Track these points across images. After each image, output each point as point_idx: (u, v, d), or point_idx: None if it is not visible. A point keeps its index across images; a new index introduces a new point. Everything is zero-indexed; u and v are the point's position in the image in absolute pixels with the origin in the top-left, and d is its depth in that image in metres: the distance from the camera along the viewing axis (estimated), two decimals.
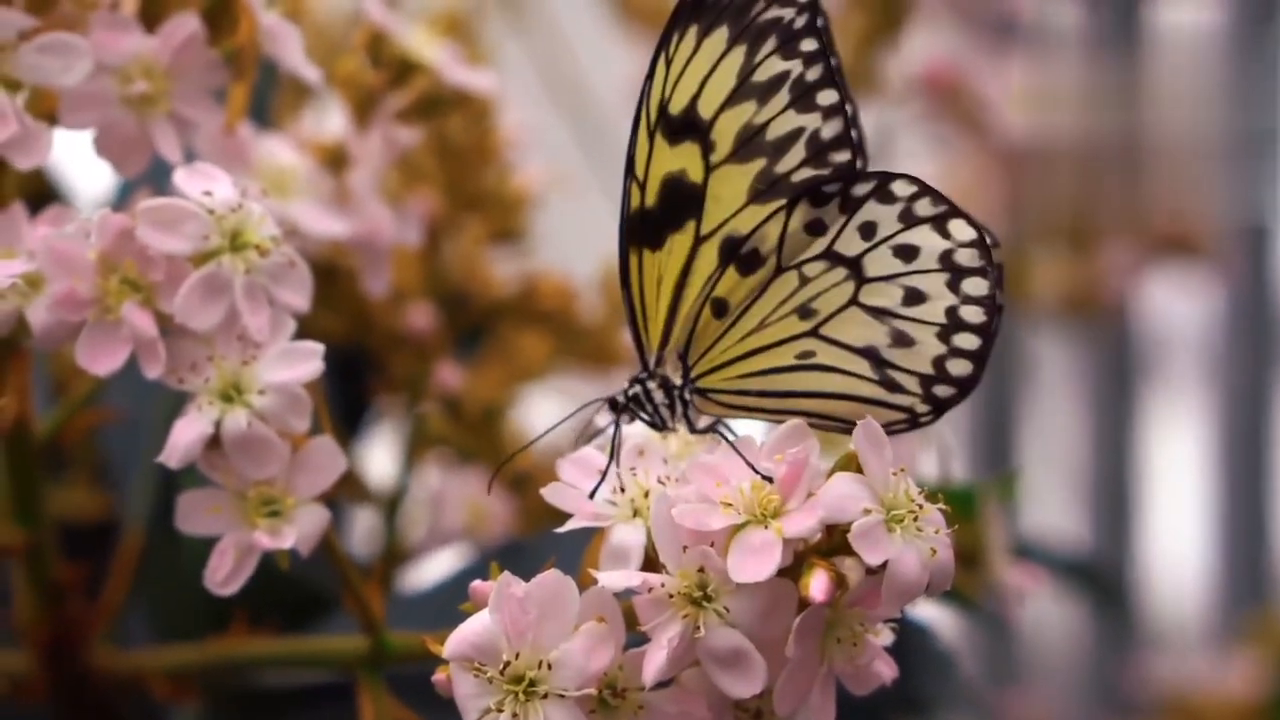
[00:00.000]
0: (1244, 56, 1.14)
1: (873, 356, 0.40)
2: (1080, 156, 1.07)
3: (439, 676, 0.37)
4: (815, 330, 0.40)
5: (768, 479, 0.37)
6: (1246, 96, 1.14)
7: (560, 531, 0.39)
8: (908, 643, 0.40)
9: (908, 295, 0.40)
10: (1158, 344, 1.23)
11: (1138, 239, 0.99)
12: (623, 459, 0.40)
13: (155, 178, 0.45)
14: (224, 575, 0.40)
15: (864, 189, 0.40)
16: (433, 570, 0.60)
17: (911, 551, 0.36)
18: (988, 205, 0.91)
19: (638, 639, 0.37)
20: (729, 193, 0.40)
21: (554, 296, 0.60)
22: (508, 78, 0.60)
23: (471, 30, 0.67)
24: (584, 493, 0.40)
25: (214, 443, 0.40)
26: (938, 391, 0.40)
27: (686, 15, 0.40)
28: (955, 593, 0.39)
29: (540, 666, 0.36)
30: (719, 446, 0.39)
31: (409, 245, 0.53)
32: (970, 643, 1.05)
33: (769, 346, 0.40)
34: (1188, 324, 1.23)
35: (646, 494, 0.39)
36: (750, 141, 0.40)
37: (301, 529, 0.40)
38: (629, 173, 0.41)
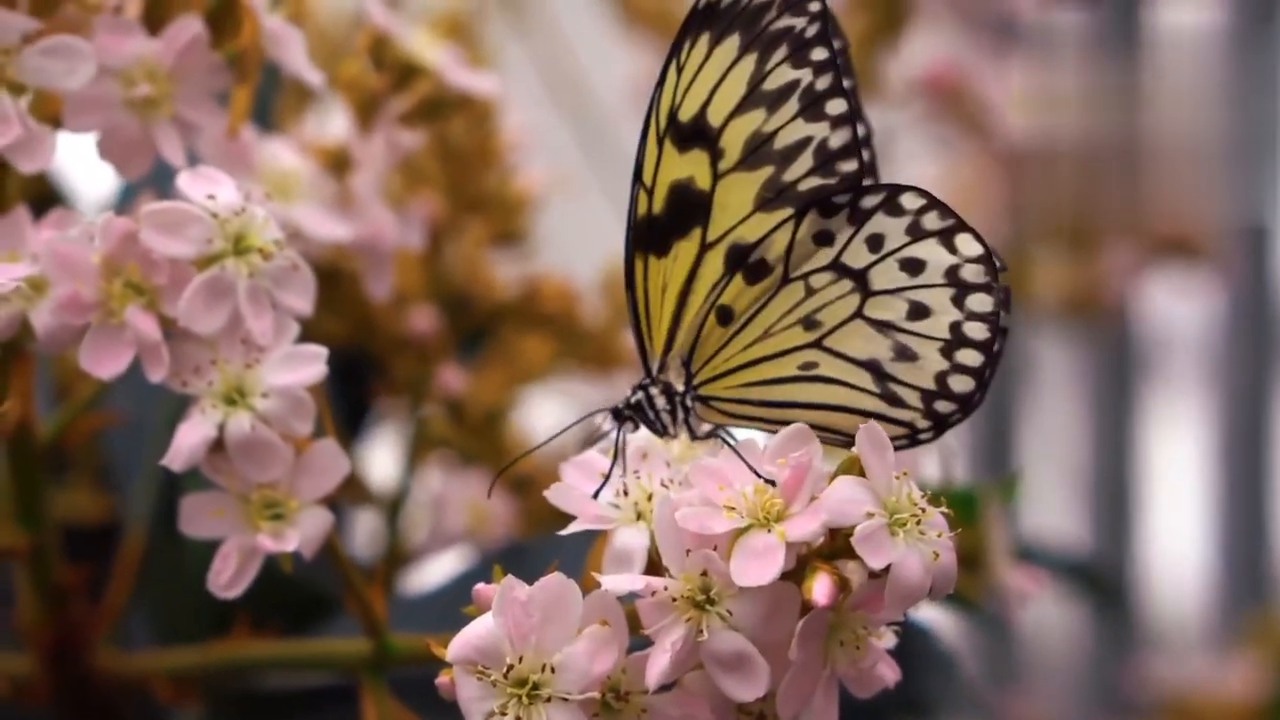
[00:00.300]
0: (1244, 57, 1.14)
1: (875, 370, 0.40)
2: (1081, 158, 1.07)
3: (442, 679, 0.37)
4: (819, 342, 0.40)
5: (771, 482, 0.37)
6: (1247, 97, 1.14)
7: (563, 534, 0.39)
8: (910, 644, 0.40)
9: (912, 309, 0.39)
10: (1158, 345, 1.23)
11: (1138, 240, 0.99)
12: (626, 462, 0.40)
13: (158, 181, 0.45)
14: (227, 578, 0.40)
15: (873, 201, 0.40)
16: (434, 572, 0.61)
17: (914, 555, 0.36)
18: (989, 207, 0.91)
19: (641, 642, 0.37)
20: (736, 200, 0.40)
21: (556, 299, 0.60)
22: (509, 80, 0.60)
23: (473, 32, 0.67)
24: (587, 496, 0.40)
25: (217, 446, 0.40)
26: (939, 407, 0.40)
27: (698, 23, 0.40)
28: (956, 595, 0.39)
29: (544, 670, 0.36)
30: (722, 450, 0.39)
31: (411, 248, 0.53)
32: (970, 643, 1.04)
33: (772, 356, 0.40)
34: (1188, 325, 1.23)
35: (650, 497, 0.39)
36: (759, 149, 0.40)
37: (305, 532, 0.41)
38: (637, 179, 0.41)
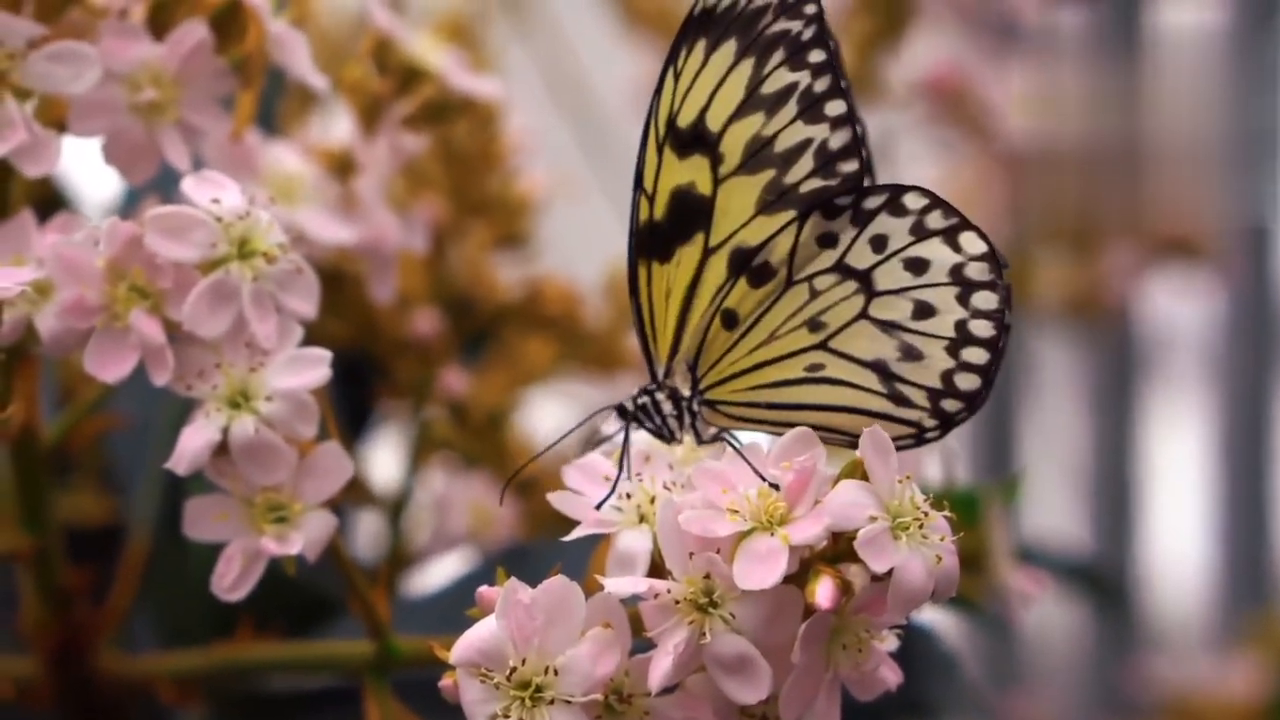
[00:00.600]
0: (1244, 57, 1.14)
1: (881, 370, 0.40)
2: (1082, 159, 1.07)
3: (446, 682, 0.37)
4: (824, 343, 0.40)
5: (774, 486, 0.37)
6: (1247, 98, 1.14)
7: (567, 539, 0.39)
8: (912, 646, 0.40)
9: (917, 309, 0.40)
10: (1159, 345, 1.23)
11: (1139, 241, 0.99)
12: (629, 464, 0.40)
13: (162, 185, 0.45)
14: (231, 581, 0.41)
15: (876, 201, 0.40)
16: (437, 574, 0.61)
17: (917, 559, 0.36)
18: (990, 208, 0.91)
19: (644, 645, 0.37)
20: (737, 204, 0.40)
21: (559, 301, 0.60)
22: (511, 82, 0.60)
23: (475, 35, 0.67)
24: (590, 499, 0.40)
25: (222, 449, 0.40)
26: (945, 406, 0.40)
27: (695, 28, 0.40)
28: (958, 597, 0.39)
29: (547, 672, 0.36)
30: (725, 453, 0.39)
31: (414, 251, 0.53)
32: (971, 645, 1.05)
33: (778, 359, 0.40)
34: (1189, 325, 1.23)
35: (653, 500, 0.39)
36: (759, 153, 0.40)
37: (308, 535, 0.41)
38: (638, 186, 0.41)
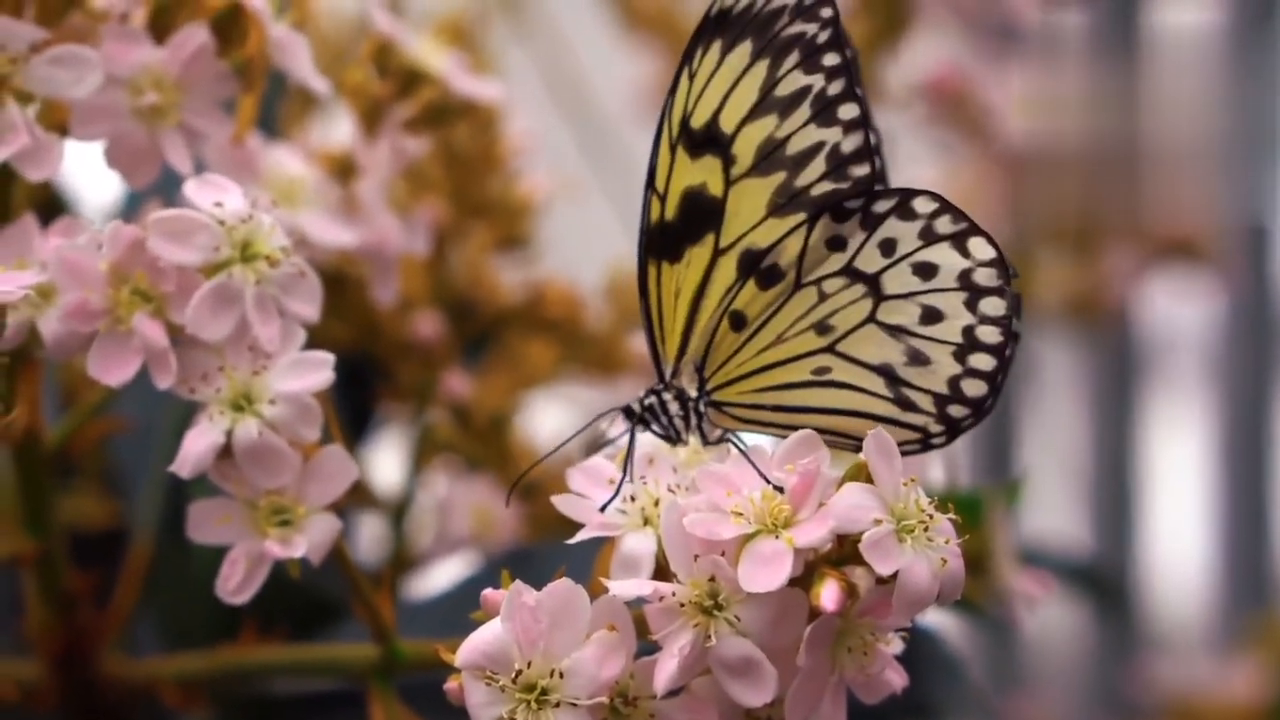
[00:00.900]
0: (1244, 58, 1.14)
1: (888, 374, 0.40)
2: (1082, 160, 1.07)
3: (451, 685, 0.37)
4: (832, 346, 0.40)
5: (778, 488, 0.37)
6: (1246, 98, 1.14)
7: (571, 542, 0.39)
8: (917, 649, 0.40)
9: (925, 314, 0.40)
10: (1160, 347, 1.23)
11: (1139, 242, 0.99)
12: (634, 467, 0.40)
13: (164, 188, 0.45)
14: (235, 584, 0.41)
15: (885, 205, 0.40)
16: (440, 577, 0.61)
17: (922, 562, 0.36)
18: (990, 210, 0.91)
19: (649, 647, 0.37)
20: (748, 206, 0.40)
21: (560, 304, 0.60)
22: (512, 85, 0.60)
23: (475, 38, 0.67)
24: (595, 502, 0.40)
25: (225, 452, 0.40)
26: (951, 411, 0.40)
27: (710, 30, 0.40)
28: (962, 599, 0.39)
29: (552, 675, 0.36)
30: (730, 455, 0.39)
31: (416, 254, 0.53)
32: (973, 647, 1.05)
33: (785, 361, 0.40)
34: (1189, 327, 1.23)
35: (657, 502, 0.39)
36: (771, 155, 0.40)
37: (313, 538, 0.41)
38: (649, 185, 0.41)
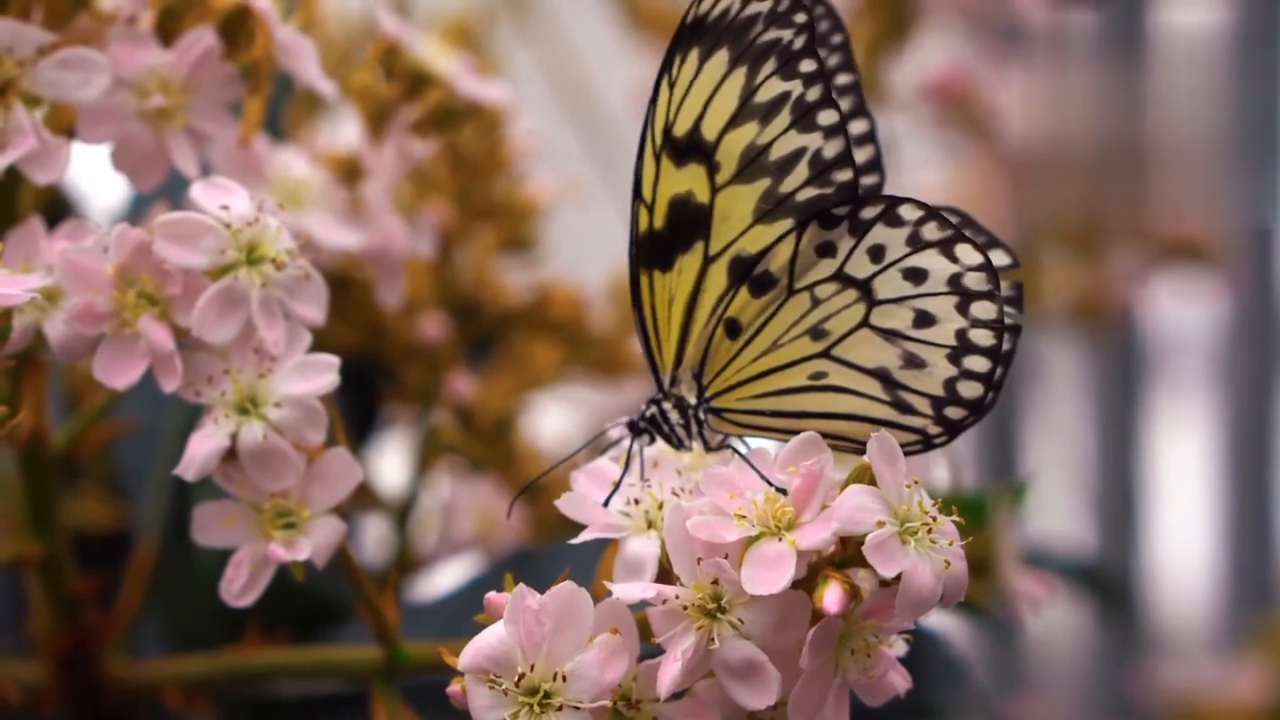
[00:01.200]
0: (1249, 59, 1.14)
1: (884, 378, 0.40)
2: (1087, 162, 1.07)
3: (454, 688, 0.37)
4: (827, 351, 0.40)
5: (782, 491, 0.37)
6: (1251, 99, 1.14)
7: (574, 543, 0.39)
8: (920, 652, 0.40)
9: (918, 318, 0.40)
10: (1164, 348, 1.23)
11: (1144, 244, 0.99)
12: (636, 471, 0.41)
13: (170, 191, 0.45)
14: (240, 586, 0.41)
15: (872, 212, 0.40)
16: (444, 579, 0.61)
17: (925, 564, 0.36)
18: (994, 211, 0.91)
19: (652, 650, 0.37)
20: (735, 213, 0.41)
21: (565, 306, 0.60)
22: (517, 87, 0.60)
23: (481, 40, 0.67)
24: (598, 505, 0.40)
25: (230, 455, 0.40)
26: (949, 413, 0.40)
27: (687, 38, 0.40)
28: (965, 601, 0.39)
29: (555, 678, 0.36)
30: (733, 459, 0.39)
31: (422, 256, 0.53)
32: (977, 649, 1.04)
33: (782, 367, 0.40)
34: (1194, 328, 1.23)
35: (660, 506, 0.39)
36: (754, 162, 0.40)
37: (317, 541, 0.41)
38: (636, 196, 0.41)
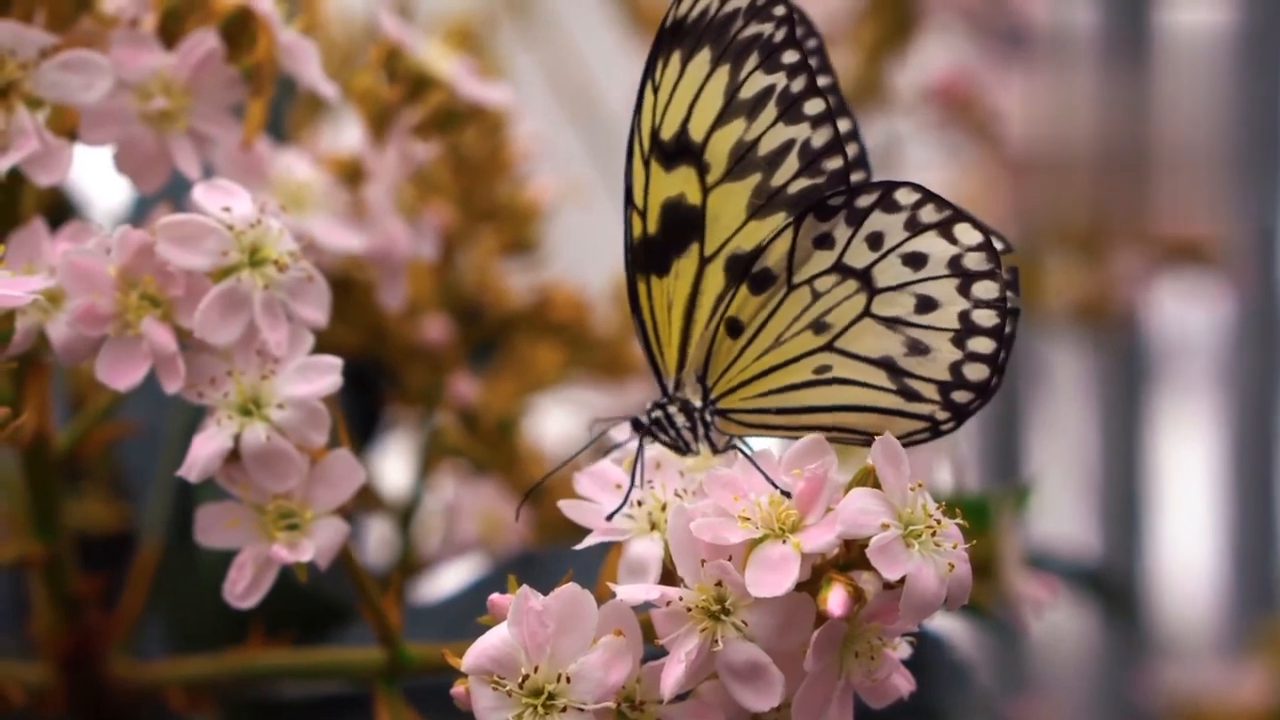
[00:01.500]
0: (1254, 60, 1.14)
1: (889, 366, 0.40)
2: (1090, 164, 1.07)
3: (458, 689, 0.37)
4: (830, 344, 0.40)
5: (786, 493, 0.37)
6: (1255, 101, 1.14)
7: (578, 547, 0.39)
8: (924, 653, 0.40)
9: (920, 303, 0.40)
10: (1168, 351, 1.23)
11: (1148, 246, 0.99)
12: (639, 472, 0.41)
13: (172, 193, 0.45)
14: (243, 588, 0.41)
15: (868, 200, 0.40)
16: (447, 581, 0.61)
17: (929, 566, 0.36)
18: (998, 214, 0.91)
19: (656, 652, 0.37)
20: (728, 211, 0.40)
21: (568, 308, 0.60)
22: (519, 89, 0.60)
23: (483, 42, 0.67)
24: (601, 507, 0.40)
25: (233, 457, 0.40)
26: (956, 397, 0.40)
27: (668, 40, 0.40)
28: (969, 603, 0.39)
29: (559, 680, 0.36)
30: (737, 460, 0.39)
31: (424, 258, 0.53)
32: (980, 651, 1.04)
33: (786, 363, 0.40)
34: (1198, 331, 1.23)
35: (664, 507, 0.39)
36: (744, 158, 0.40)
37: (320, 542, 0.41)
38: (629, 203, 0.41)
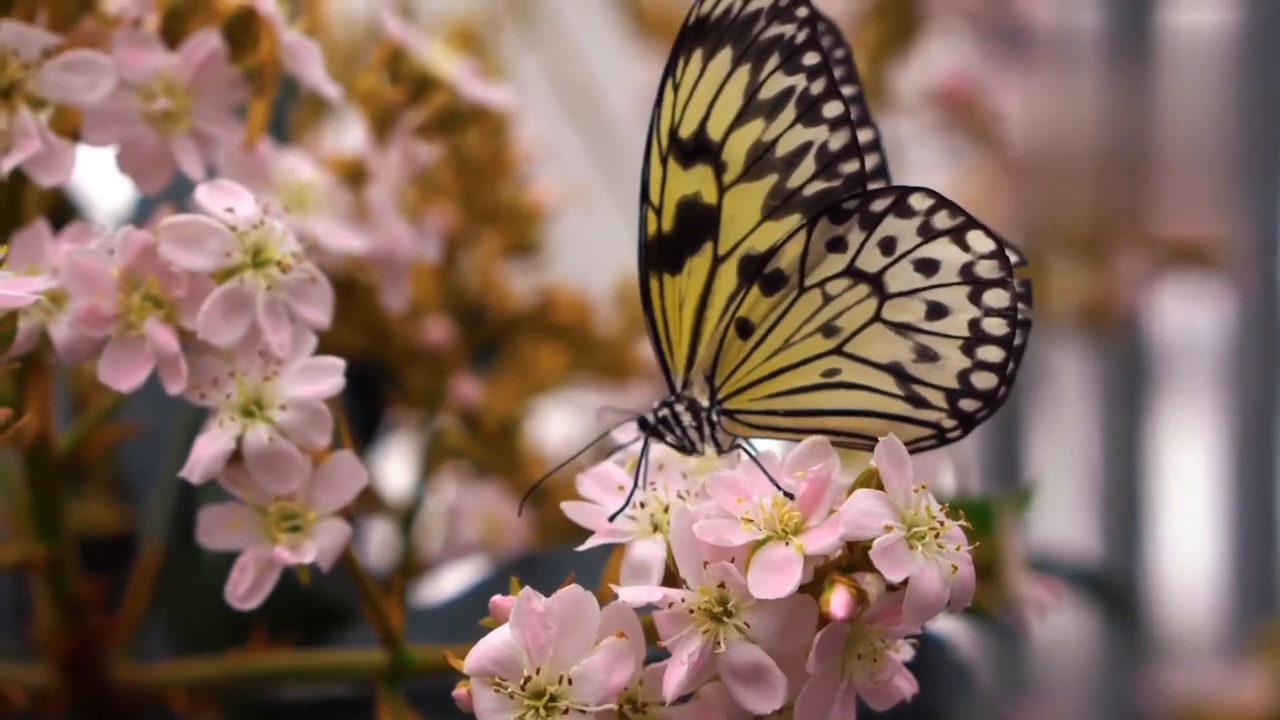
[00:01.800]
0: (1256, 61, 1.14)
1: (898, 372, 0.40)
2: (1093, 166, 1.07)
3: (460, 691, 0.37)
4: (840, 348, 0.40)
5: (789, 495, 0.37)
6: (1258, 102, 1.14)
7: (581, 548, 0.39)
8: (925, 655, 0.40)
9: (930, 310, 0.39)
10: (1170, 354, 1.23)
11: (1150, 248, 0.99)
12: (643, 472, 0.40)
13: (175, 194, 0.45)
14: (245, 589, 0.41)
15: (882, 204, 0.40)
16: (449, 583, 0.61)
17: (932, 569, 0.36)
18: (1000, 216, 0.91)
19: (658, 654, 0.37)
20: (743, 212, 0.40)
21: (570, 310, 0.60)
22: (522, 90, 0.60)
23: (486, 44, 0.67)
24: (604, 508, 0.40)
25: (235, 458, 0.40)
26: (964, 406, 0.40)
27: (690, 38, 0.40)
28: (972, 606, 0.39)
29: (561, 682, 0.36)
30: (740, 462, 0.39)
31: (427, 259, 0.53)
32: (983, 654, 1.04)
33: (794, 365, 0.40)
34: (1200, 333, 1.23)
35: (666, 509, 0.39)
36: (761, 159, 0.40)
37: (322, 544, 0.41)
38: (644, 199, 0.41)
